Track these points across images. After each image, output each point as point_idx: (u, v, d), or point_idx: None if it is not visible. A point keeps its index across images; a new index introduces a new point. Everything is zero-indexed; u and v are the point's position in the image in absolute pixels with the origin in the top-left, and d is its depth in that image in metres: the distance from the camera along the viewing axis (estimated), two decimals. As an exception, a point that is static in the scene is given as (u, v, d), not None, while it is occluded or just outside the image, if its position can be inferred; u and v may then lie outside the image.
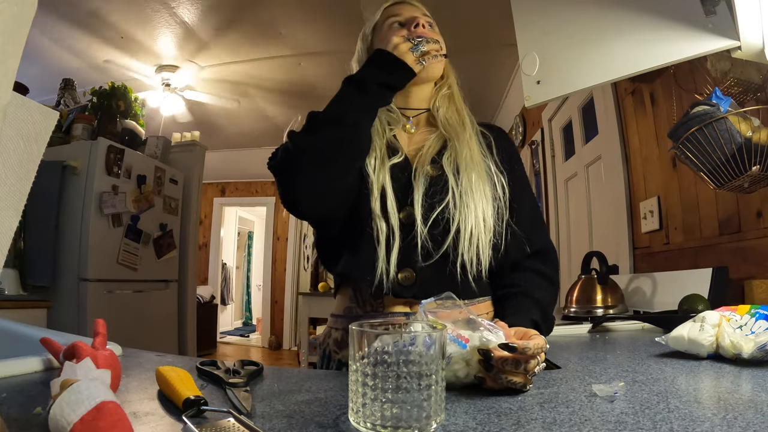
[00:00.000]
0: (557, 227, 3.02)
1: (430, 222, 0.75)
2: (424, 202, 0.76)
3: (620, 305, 1.45)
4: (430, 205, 0.76)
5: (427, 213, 0.75)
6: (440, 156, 0.81)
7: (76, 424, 0.34)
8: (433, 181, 0.78)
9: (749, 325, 0.70)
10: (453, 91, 0.91)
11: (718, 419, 0.43)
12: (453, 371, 0.54)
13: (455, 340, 0.54)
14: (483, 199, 0.77)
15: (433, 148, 0.83)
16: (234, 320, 8.12)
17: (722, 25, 0.86)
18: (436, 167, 0.80)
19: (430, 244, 0.75)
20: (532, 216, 0.87)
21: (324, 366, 0.84)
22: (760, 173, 0.98)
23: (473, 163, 0.79)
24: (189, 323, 3.59)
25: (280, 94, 4.12)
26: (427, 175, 0.79)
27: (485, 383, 0.53)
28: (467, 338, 0.54)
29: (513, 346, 0.51)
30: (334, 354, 0.82)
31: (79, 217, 2.75)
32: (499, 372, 0.52)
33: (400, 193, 0.77)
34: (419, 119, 0.91)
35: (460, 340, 0.54)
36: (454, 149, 0.81)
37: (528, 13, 1.11)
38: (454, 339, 0.54)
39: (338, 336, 0.81)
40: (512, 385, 0.52)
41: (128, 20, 2.99)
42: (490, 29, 2.94)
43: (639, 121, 1.93)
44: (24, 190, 0.38)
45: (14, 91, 0.35)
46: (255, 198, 6.32)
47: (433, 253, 0.74)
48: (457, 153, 0.80)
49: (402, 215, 0.76)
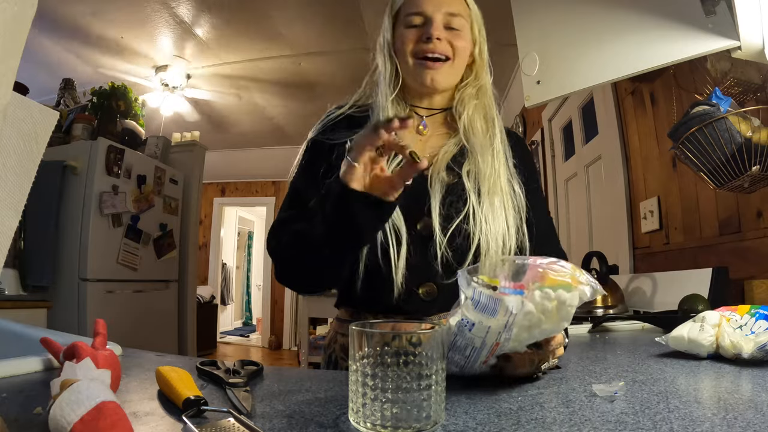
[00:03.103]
0: (557, 227, 3.02)
1: (449, 233, 0.70)
2: (442, 210, 0.71)
3: (620, 305, 1.45)
4: (447, 214, 0.71)
5: (445, 223, 0.71)
6: (456, 163, 0.75)
7: (76, 424, 0.34)
8: (449, 189, 0.73)
9: (749, 325, 0.70)
10: (482, 91, 0.81)
11: (718, 419, 0.43)
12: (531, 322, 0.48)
13: (516, 291, 0.48)
14: (504, 224, 0.72)
15: (449, 154, 0.76)
16: (234, 320, 8.12)
17: (722, 25, 0.86)
18: (452, 174, 0.74)
19: (450, 254, 0.70)
20: (546, 231, 0.82)
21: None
22: (760, 173, 0.98)
23: (496, 187, 0.73)
24: (189, 323, 3.59)
25: (280, 94, 4.12)
26: (443, 182, 0.73)
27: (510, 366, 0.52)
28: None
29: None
30: (341, 361, 0.77)
31: (79, 217, 2.75)
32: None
33: (414, 202, 0.71)
34: (435, 119, 0.82)
35: (521, 291, 0.48)
36: (475, 162, 0.74)
37: (528, 13, 1.11)
38: (514, 291, 0.48)
39: (345, 342, 0.76)
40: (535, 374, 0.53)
41: (128, 20, 2.99)
42: (490, 29, 2.94)
43: (639, 121, 1.93)
44: (24, 190, 0.38)
45: (14, 91, 0.35)
46: (255, 198, 6.32)
47: (454, 265, 0.70)
48: (479, 169, 0.73)
49: (420, 226, 0.72)
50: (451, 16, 0.76)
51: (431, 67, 0.75)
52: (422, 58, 0.75)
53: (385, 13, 0.82)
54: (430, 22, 0.75)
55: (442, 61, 0.75)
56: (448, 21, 0.76)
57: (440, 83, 0.77)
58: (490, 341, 0.48)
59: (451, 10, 0.76)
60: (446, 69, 0.76)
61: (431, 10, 0.75)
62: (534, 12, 1.11)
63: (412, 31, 0.76)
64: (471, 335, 0.49)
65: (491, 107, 0.81)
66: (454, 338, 0.50)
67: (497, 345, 0.49)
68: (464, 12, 0.78)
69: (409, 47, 0.76)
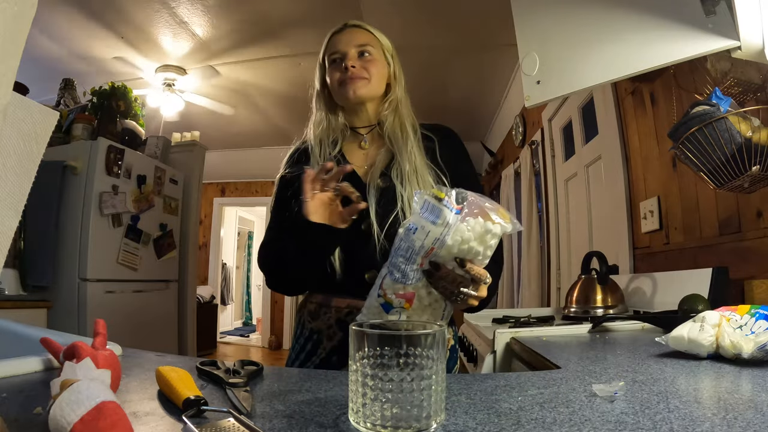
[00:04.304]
0: (557, 227, 3.02)
1: (385, 229, 0.86)
2: (379, 210, 0.87)
3: (620, 305, 1.45)
4: (383, 213, 0.87)
5: (382, 221, 0.87)
6: (388, 169, 0.92)
7: (76, 424, 0.34)
8: (383, 193, 0.90)
9: (749, 325, 0.70)
10: (397, 102, 0.98)
11: (718, 419, 0.43)
12: (462, 237, 0.59)
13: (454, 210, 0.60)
14: None
15: (382, 162, 0.93)
16: (234, 320, 8.12)
17: (722, 25, 0.86)
18: (385, 179, 0.91)
19: (387, 245, 0.85)
20: None
21: (299, 332, 0.95)
22: (760, 173, 0.98)
23: (415, 174, 0.90)
24: (189, 323, 3.59)
25: (280, 94, 4.12)
26: (378, 188, 0.90)
27: (437, 275, 0.62)
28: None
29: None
30: (307, 323, 0.94)
31: (79, 217, 2.75)
32: (455, 279, 0.62)
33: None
34: (372, 134, 1.00)
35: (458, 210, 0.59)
36: (398, 164, 0.91)
37: (528, 13, 1.11)
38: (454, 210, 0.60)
39: (312, 308, 0.94)
40: (455, 296, 0.64)
41: (128, 20, 2.99)
42: (490, 29, 2.94)
43: (639, 121, 1.93)
44: (24, 190, 0.38)
45: (14, 91, 0.35)
46: (255, 198, 6.32)
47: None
48: (402, 168, 0.90)
49: (363, 226, 0.87)
50: (361, 47, 0.96)
51: (350, 83, 0.93)
52: (343, 81, 0.94)
53: (317, 65, 1.02)
54: (345, 55, 0.95)
55: (359, 78, 0.93)
56: (359, 50, 0.95)
57: (362, 94, 0.94)
58: (427, 245, 0.60)
59: (360, 42, 0.96)
60: (364, 84, 0.94)
61: (344, 47, 0.95)
62: (534, 12, 1.11)
63: (334, 66, 0.96)
64: (413, 237, 0.60)
65: (408, 116, 0.98)
66: (399, 243, 0.62)
67: (432, 250, 0.60)
68: (373, 41, 0.98)
69: (335, 78, 0.95)
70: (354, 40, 0.96)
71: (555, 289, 2.98)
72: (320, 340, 0.90)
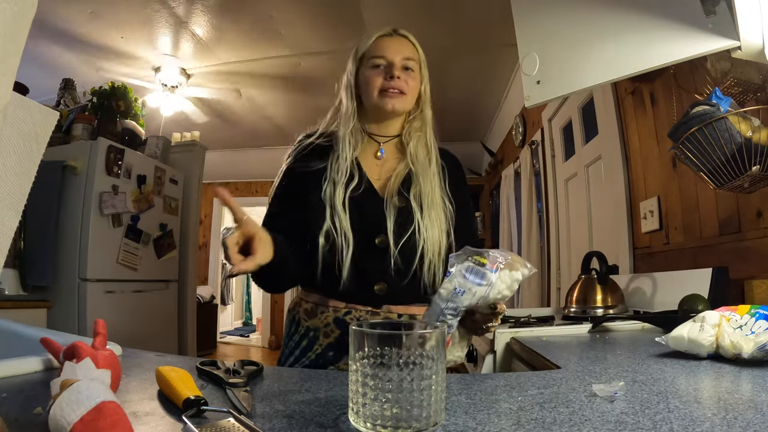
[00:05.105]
0: (557, 227, 3.02)
1: (399, 246, 0.90)
2: (395, 229, 0.90)
3: (620, 305, 1.45)
4: (399, 232, 0.91)
5: (397, 239, 0.90)
6: (405, 187, 0.94)
7: (76, 424, 0.34)
8: (400, 211, 0.92)
9: (749, 325, 0.70)
10: (425, 123, 1.00)
11: (718, 419, 0.43)
12: (499, 290, 0.69)
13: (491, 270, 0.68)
14: (439, 231, 0.93)
15: (399, 178, 0.95)
16: (234, 320, 8.11)
17: (722, 25, 0.86)
18: (402, 199, 0.93)
19: (400, 261, 0.90)
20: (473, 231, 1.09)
21: (292, 330, 0.96)
22: (760, 173, 0.98)
23: (434, 203, 0.94)
24: (189, 323, 3.59)
25: (280, 94, 4.12)
26: (395, 207, 0.92)
27: (472, 319, 0.75)
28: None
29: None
30: (303, 321, 0.95)
31: (79, 217, 2.75)
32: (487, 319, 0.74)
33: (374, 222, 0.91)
34: (390, 145, 1.01)
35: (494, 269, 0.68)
36: (419, 185, 0.94)
37: (528, 13, 1.11)
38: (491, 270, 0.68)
39: (308, 307, 0.95)
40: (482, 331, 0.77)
41: (128, 20, 2.99)
42: (490, 29, 2.94)
43: (639, 121, 1.93)
44: (24, 190, 0.38)
45: (14, 91, 0.35)
46: (255, 198, 6.31)
47: (402, 269, 0.90)
48: (421, 190, 0.94)
49: (378, 240, 0.91)
50: (407, 60, 0.96)
51: (392, 96, 0.94)
52: (385, 91, 0.94)
53: (350, 58, 1.01)
54: (392, 65, 0.95)
55: (399, 93, 0.95)
56: (405, 64, 0.96)
57: (398, 110, 0.96)
58: (473, 303, 0.69)
59: (407, 54, 0.97)
60: (402, 99, 0.95)
61: (392, 55, 0.95)
62: (534, 12, 1.11)
63: (377, 70, 0.95)
64: (461, 299, 0.67)
65: (431, 136, 1.01)
66: (445, 304, 0.69)
67: (476, 305, 0.70)
68: (415, 56, 0.98)
69: (376, 83, 0.95)
70: (402, 51, 0.96)
71: (555, 289, 2.98)
72: (317, 337, 0.91)
